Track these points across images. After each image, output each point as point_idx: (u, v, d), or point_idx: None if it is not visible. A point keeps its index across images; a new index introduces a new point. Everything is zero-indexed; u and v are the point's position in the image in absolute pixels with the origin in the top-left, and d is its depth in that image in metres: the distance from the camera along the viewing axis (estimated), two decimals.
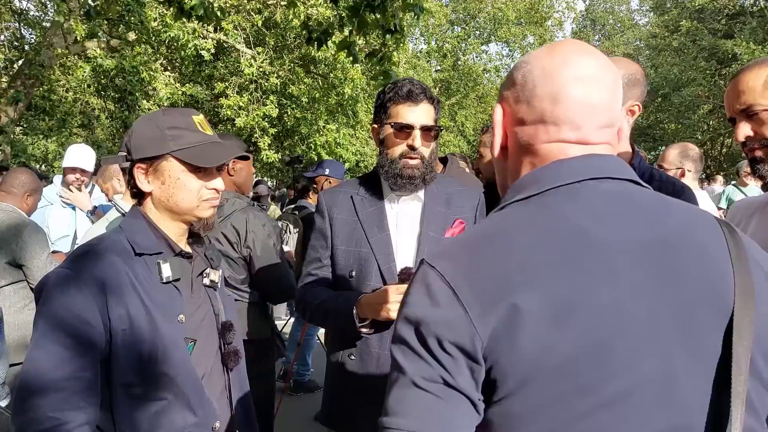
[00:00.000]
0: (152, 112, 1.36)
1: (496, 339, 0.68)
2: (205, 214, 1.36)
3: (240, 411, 1.45)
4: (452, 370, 0.69)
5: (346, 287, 1.71)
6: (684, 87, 16.91)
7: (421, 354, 0.70)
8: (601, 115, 0.80)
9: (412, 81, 1.69)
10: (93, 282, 1.18)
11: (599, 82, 0.80)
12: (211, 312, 1.41)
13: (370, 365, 1.67)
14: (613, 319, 0.69)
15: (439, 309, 0.71)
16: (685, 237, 0.76)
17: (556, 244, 0.72)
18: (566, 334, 0.68)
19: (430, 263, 0.75)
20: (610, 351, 0.68)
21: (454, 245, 0.79)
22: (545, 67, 0.81)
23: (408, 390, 0.71)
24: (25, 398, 1.13)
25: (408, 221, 1.74)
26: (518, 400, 0.69)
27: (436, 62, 19.73)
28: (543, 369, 0.68)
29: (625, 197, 0.78)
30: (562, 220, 0.74)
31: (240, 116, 10.28)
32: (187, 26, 8.50)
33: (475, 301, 0.69)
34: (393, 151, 1.67)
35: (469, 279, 0.71)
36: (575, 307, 0.68)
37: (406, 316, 0.73)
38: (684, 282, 0.72)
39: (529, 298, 0.68)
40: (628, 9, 31.05)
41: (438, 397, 0.69)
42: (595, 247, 0.72)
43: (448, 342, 0.69)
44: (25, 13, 9.56)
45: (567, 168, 0.79)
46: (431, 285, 0.73)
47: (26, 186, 3.02)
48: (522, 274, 0.70)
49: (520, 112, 0.83)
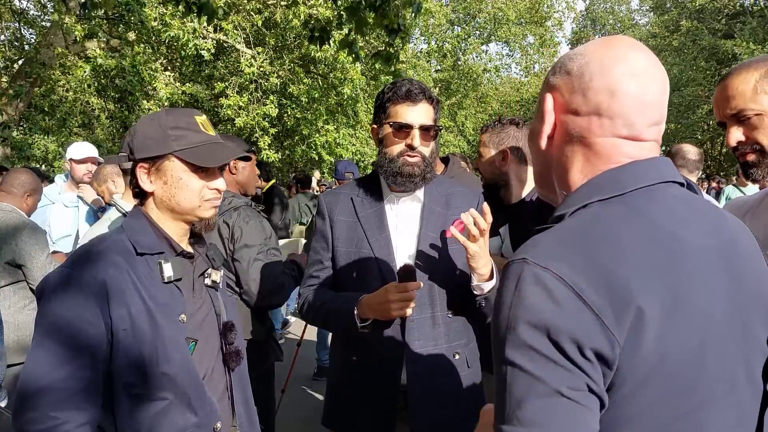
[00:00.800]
0: (155, 112, 1.37)
1: (627, 344, 0.68)
2: (206, 214, 1.36)
3: (241, 411, 1.44)
4: (593, 376, 0.68)
5: (348, 288, 1.71)
6: (684, 87, 16.94)
7: (559, 361, 0.68)
8: (653, 113, 0.81)
9: (411, 81, 1.69)
10: (94, 282, 1.18)
11: (653, 79, 0.81)
12: (213, 312, 1.41)
13: (371, 366, 1.67)
14: (706, 322, 0.73)
15: (569, 314, 0.68)
16: (738, 242, 0.82)
17: (659, 248, 0.73)
18: (675, 338, 0.70)
19: (541, 264, 0.71)
20: (704, 353, 0.72)
21: (556, 245, 0.75)
22: (602, 60, 0.81)
23: (551, 399, 0.67)
24: (26, 398, 1.13)
25: (407, 222, 1.74)
26: (631, 402, 0.70)
27: (436, 62, 19.73)
28: (657, 372, 0.69)
29: (690, 202, 0.81)
30: (655, 223, 0.75)
31: (240, 116, 10.29)
32: (187, 26, 8.50)
33: (605, 305, 0.68)
34: (392, 150, 1.67)
35: (590, 282, 0.69)
36: (681, 310, 0.71)
37: (531, 322, 0.69)
38: (743, 286, 0.78)
39: (650, 301, 0.69)
40: (628, 9, 31.09)
41: (582, 405, 0.68)
42: (689, 252, 0.75)
43: (589, 348, 0.67)
44: (25, 13, 9.55)
45: (643, 170, 0.80)
46: (551, 288, 0.69)
47: (26, 186, 3.02)
48: (640, 278, 0.70)
49: (574, 103, 0.83)
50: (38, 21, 9.89)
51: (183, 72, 11.09)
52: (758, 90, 1.26)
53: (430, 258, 1.69)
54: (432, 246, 1.70)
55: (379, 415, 1.66)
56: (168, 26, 8.56)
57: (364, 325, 1.61)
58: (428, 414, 1.63)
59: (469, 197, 1.81)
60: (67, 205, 3.68)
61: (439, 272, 1.69)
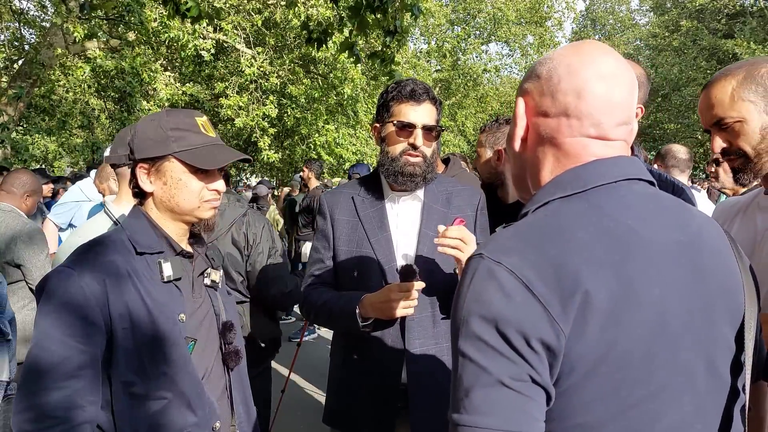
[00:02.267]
0: (156, 113, 1.37)
1: (573, 333, 0.71)
2: (205, 215, 1.37)
3: (241, 411, 1.45)
4: (537, 367, 0.70)
5: (349, 287, 1.72)
6: (684, 87, 16.94)
7: (505, 352, 0.70)
8: (620, 113, 0.83)
9: (415, 81, 1.70)
10: (94, 280, 1.18)
11: (620, 81, 0.83)
12: (212, 312, 1.41)
13: (373, 364, 1.68)
14: (660, 315, 0.75)
15: (517, 306, 0.71)
16: (705, 239, 0.83)
17: (614, 242, 0.75)
18: (625, 328, 0.72)
19: (494, 259, 0.74)
20: (657, 344, 0.74)
21: (511, 240, 0.78)
22: (570, 64, 0.84)
23: (493, 389, 0.70)
24: (25, 396, 1.13)
25: (408, 221, 1.74)
26: (580, 391, 0.72)
27: (436, 62, 19.73)
28: (605, 361, 0.71)
29: (655, 199, 0.83)
30: (613, 218, 0.78)
31: (240, 116, 10.30)
32: (187, 26, 8.52)
33: (552, 297, 0.71)
34: (394, 149, 1.68)
35: (540, 275, 0.72)
36: (632, 302, 0.73)
37: (482, 314, 0.72)
38: (708, 281, 0.80)
39: (598, 290, 0.71)
40: (628, 9, 31.08)
41: (524, 395, 0.70)
42: (645, 245, 0.77)
43: (535, 339, 0.70)
44: (25, 13, 9.56)
45: (606, 167, 0.82)
46: (503, 281, 0.72)
47: (26, 186, 3.02)
48: (589, 270, 0.72)
49: (543, 105, 0.86)
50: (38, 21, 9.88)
51: (183, 72, 11.10)
52: (735, 98, 1.28)
53: (430, 257, 1.69)
54: (432, 245, 1.70)
55: (379, 414, 1.66)
56: (168, 27, 8.58)
57: (366, 325, 1.61)
58: (428, 413, 1.63)
59: (469, 196, 1.82)
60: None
61: (439, 271, 1.69)
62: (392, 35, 4.06)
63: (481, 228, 1.81)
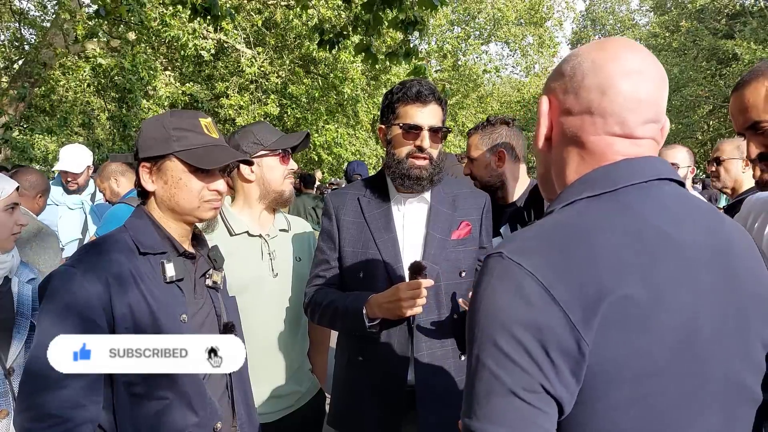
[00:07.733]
0: (161, 113, 1.38)
1: (596, 340, 0.68)
2: (206, 215, 1.37)
3: (242, 411, 1.45)
4: (552, 377, 0.68)
5: (354, 288, 1.71)
6: (684, 87, 16.92)
7: (519, 361, 0.68)
8: (647, 110, 0.81)
9: (421, 82, 1.68)
10: (97, 280, 1.18)
11: (646, 77, 0.80)
12: (213, 313, 1.41)
13: (378, 366, 1.67)
14: (691, 321, 0.72)
15: (536, 311, 0.68)
16: (735, 245, 0.81)
17: (642, 245, 0.72)
18: (653, 335, 0.69)
19: (514, 259, 0.71)
20: (687, 352, 0.71)
21: (534, 240, 0.75)
22: (595, 60, 0.82)
23: (505, 399, 0.68)
24: (27, 396, 1.13)
25: (414, 222, 1.73)
26: (603, 398, 0.69)
27: (436, 62, 19.72)
28: (632, 369, 0.68)
29: (686, 200, 0.81)
30: (642, 220, 0.75)
31: (240, 116, 10.30)
32: (187, 26, 8.52)
33: (574, 302, 0.68)
34: (400, 152, 1.66)
35: (562, 278, 0.69)
36: (661, 307, 0.70)
37: (498, 319, 0.70)
38: (740, 287, 0.78)
39: (624, 298, 0.68)
40: (628, 9, 31.06)
41: (535, 408, 0.68)
42: (677, 249, 0.74)
43: (553, 347, 0.67)
44: (25, 13, 9.56)
45: (637, 166, 0.80)
46: (522, 284, 0.69)
47: (37, 187, 2.99)
48: (616, 276, 0.69)
49: (567, 103, 0.84)
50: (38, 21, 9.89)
51: (183, 72, 11.10)
52: None
53: (437, 259, 1.68)
54: (438, 247, 1.69)
55: (385, 416, 1.66)
56: (168, 26, 8.58)
57: (372, 325, 1.60)
58: (435, 414, 1.62)
59: (475, 198, 1.81)
60: (71, 207, 3.66)
61: (445, 273, 1.68)
62: (413, 26, 3.94)
63: (486, 231, 1.80)
